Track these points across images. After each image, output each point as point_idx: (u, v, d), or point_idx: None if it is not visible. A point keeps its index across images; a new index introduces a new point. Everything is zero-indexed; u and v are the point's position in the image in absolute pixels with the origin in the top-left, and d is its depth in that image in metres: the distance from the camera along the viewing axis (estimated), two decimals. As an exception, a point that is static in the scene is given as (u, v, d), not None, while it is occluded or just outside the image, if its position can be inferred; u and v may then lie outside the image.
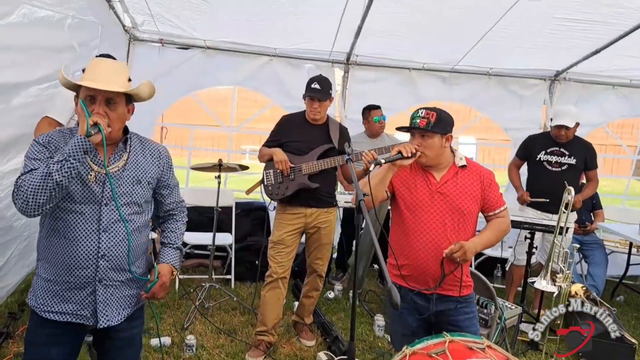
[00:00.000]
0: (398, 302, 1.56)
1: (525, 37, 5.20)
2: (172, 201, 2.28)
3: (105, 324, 2.03)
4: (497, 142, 9.56)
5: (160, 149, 2.23)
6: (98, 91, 1.93)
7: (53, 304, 2.00)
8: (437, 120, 2.40)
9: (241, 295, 4.86)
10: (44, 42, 3.50)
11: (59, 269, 1.97)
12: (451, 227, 2.45)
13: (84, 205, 1.95)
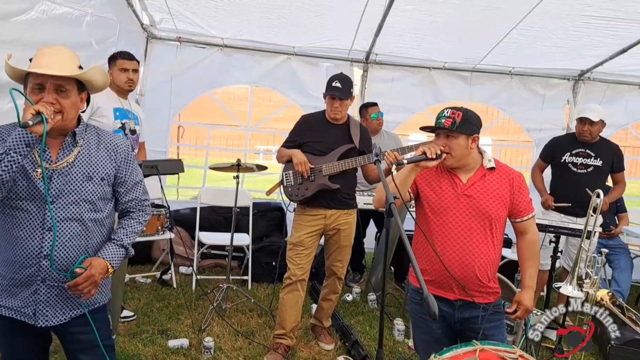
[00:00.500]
0: (436, 311, 1.48)
1: (549, 36, 5.09)
2: (130, 199, 2.13)
3: (43, 323, 1.95)
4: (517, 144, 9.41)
5: (119, 142, 2.09)
6: (46, 78, 1.82)
7: (2, 298, 1.95)
8: (463, 120, 2.30)
9: (258, 296, 4.81)
10: (62, 39, 3.48)
11: (4, 264, 1.92)
12: (478, 232, 2.35)
13: (28, 202, 1.87)
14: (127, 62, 3.70)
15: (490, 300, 2.42)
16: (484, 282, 2.37)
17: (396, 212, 1.79)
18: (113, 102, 3.63)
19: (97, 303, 2.08)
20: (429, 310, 1.49)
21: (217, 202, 5.38)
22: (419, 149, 2.29)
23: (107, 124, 3.54)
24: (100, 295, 2.09)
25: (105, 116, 3.56)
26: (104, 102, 3.55)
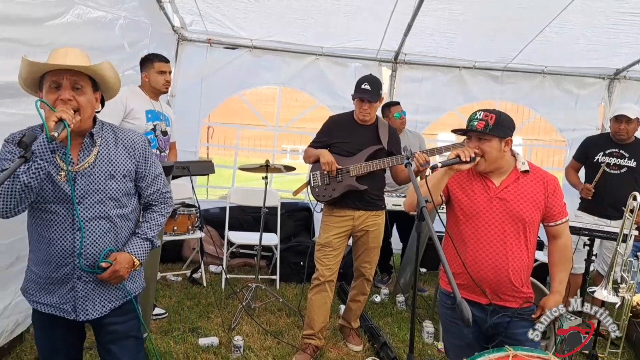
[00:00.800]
0: (470, 318, 1.47)
1: (583, 34, 4.98)
2: (152, 192, 2.17)
3: (84, 317, 2.02)
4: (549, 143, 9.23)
5: (135, 139, 2.12)
6: (62, 76, 1.87)
7: (40, 295, 2.03)
8: (496, 122, 2.26)
9: (286, 296, 4.83)
10: (96, 42, 3.54)
11: (42, 264, 1.99)
12: (511, 236, 2.32)
13: (56, 205, 1.93)
14: (164, 64, 3.79)
15: (523, 305, 2.37)
16: (517, 286, 2.33)
17: (428, 216, 1.78)
18: (145, 105, 3.70)
19: (130, 295, 2.15)
20: (462, 317, 1.47)
21: (246, 202, 5.43)
22: (452, 152, 2.26)
23: (140, 126, 3.60)
24: (133, 285, 2.16)
25: (138, 118, 3.62)
26: (137, 104, 3.62)
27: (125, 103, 3.55)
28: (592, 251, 4.00)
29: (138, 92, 3.71)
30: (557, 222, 2.39)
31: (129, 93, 3.61)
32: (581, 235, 3.97)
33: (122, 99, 3.53)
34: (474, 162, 2.26)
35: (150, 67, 3.76)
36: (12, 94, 2.65)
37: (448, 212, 2.52)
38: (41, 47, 2.84)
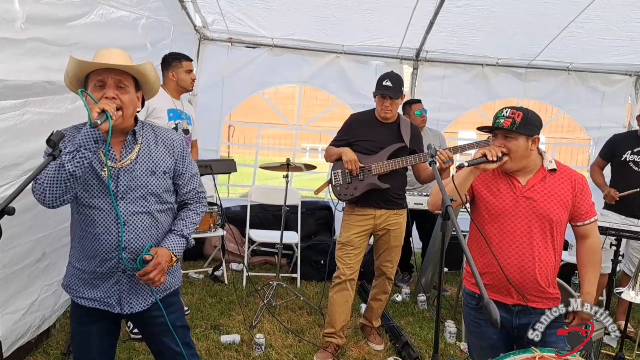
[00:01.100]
0: (498, 318, 1.44)
1: (610, 29, 4.86)
2: (188, 191, 2.22)
3: (128, 310, 2.08)
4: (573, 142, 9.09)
5: (174, 137, 2.19)
6: (107, 75, 1.93)
7: (83, 290, 2.08)
8: (523, 120, 2.22)
9: (307, 294, 4.83)
10: (119, 42, 3.57)
11: (86, 259, 2.04)
12: (538, 236, 2.27)
13: (101, 200, 1.99)
14: (191, 63, 3.89)
15: (550, 306, 2.33)
16: (544, 287, 2.29)
17: (453, 215, 1.75)
18: (167, 104, 3.73)
19: (172, 287, 2.22)
20: (490, 318, 1.44)
21: (267, 200, 5.44)
22: (479, 151, 2.23)
23: (162, 125, 3.62)
24: (173, 279, 2.23)
25: (160, 117, 3.66)
26: (159, 103, 3.65)
27: (148, 102, 3.58)
28: (619, 251, 3.92)
29: (160, 92, 3.73)
30: (585, 221, 2.33)
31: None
32: (608, 235, 3.88)
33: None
34: (501, 161, 2.22)
35: (179, 67, 3.81)
36: (38, 92, 2.69)
37: (473, 212, 2.48)
38: (65, 47, 2.88)
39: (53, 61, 2.74)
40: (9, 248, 2.74)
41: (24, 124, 2.60)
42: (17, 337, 2.96)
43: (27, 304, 3.07)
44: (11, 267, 2.85)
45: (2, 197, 2.38)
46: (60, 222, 3.39)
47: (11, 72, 2.40)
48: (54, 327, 3.57)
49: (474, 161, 2.20)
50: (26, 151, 2.63)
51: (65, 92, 3.03)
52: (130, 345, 3.52)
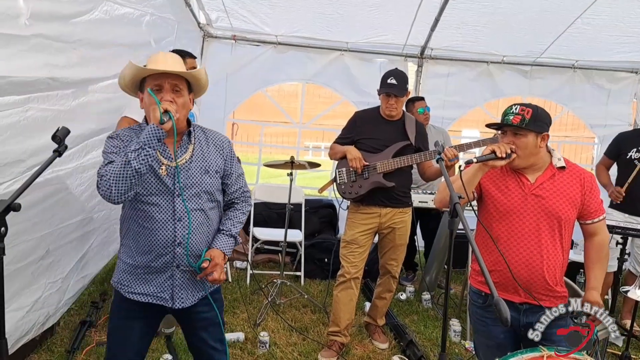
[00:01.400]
0: (508, 316, 1.42)
1: (616, 26, 4.83)
2: (236, 190, 2.31)
3: (180, 305, 2.15)
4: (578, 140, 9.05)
5: (223, 139, 2.28)
6: (164, 80, 2.02)
7: (135, 285, 2.14)
8: (532, 117, 2.20)
9: (311, 292, 4.82)
10: (123, 39, 3.57)
11: (140, 254, 2.11)
12: (546, 233, 2.26)
13: (158, 197, 2.06)
14: (194, 61, 3.82)
15: (557, 304, 2.30)
16: (551, 285, 2.27)
17: (462, 213, 1.73)
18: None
19: (216, 285, 2.31)
20: (500, 317, 1.42)
21: (271, 198, 5.43)
22: (487, 148, 2.21)
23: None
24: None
25: None
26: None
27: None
28: (625, 250, 3.90)
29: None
30: (594, 219, 2.32)
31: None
32: (614, 234, 3.86)
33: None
34: (510, 158, 2.20)
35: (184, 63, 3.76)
36: (42, 89, 2.67)
37: (479, 210, 2.46)
38: (69, 44, 2.87)
39: (57, 58, 2.73)
40: (13, 245, 2.72)
41: (27, 120, 2.58)
42: (21, 334, 2.95)
43: (31, 301, 3.06)
44: (15, 264, 2.84)
45: (6, 194, 2.36)
46: (65, 219, 3.39)
47: (15, 68, 2.39)
48: (58, 324, 3.57)
49: (482, 157, 2.18)
50: (29, 148, 2.62)
51: (69, 89, 3.03)
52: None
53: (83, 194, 3.63)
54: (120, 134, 2.12)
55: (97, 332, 3.64)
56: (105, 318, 3.84)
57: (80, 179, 3.54)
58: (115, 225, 4.64)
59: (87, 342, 3.46)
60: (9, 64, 2.34)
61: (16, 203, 1.81)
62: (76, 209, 3.56)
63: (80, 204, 3.61)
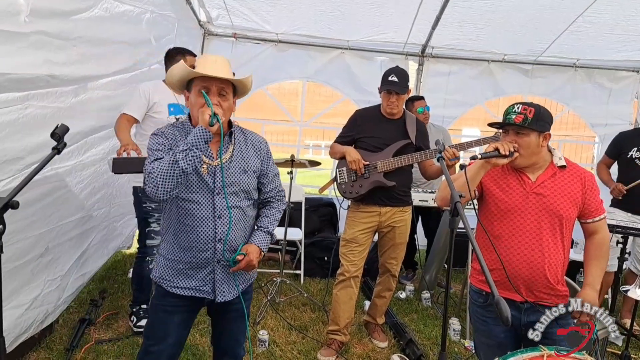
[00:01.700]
0: (509, 315, 1.42)
1: (618, 23, 4.81)
2: (271, 189, 2.39)
3: (222, 298, 2.24)
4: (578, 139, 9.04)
5: (261, 140, 2.36)
6: (212, 83, 2.08)
7: (177, 280, 2.22)
8: (535, 116, 2.20)
9: (311, 291, 4.81)
10: (123, 36, 3.56)
11: (181, 250, 2.20)
12: (547, 232, 2.25)
13: (199, 194, 2.14)
14: (195, 59, 3.76)
15: (559, 304, 2.30)
16: (553, 283, 2.27)
17: (463, 212, 1.72)
18: (168, 98, 3.69)
19: (251, 279, 2.41)
20: (500, 316, 1.42)
21: (270, 197, 5.40)
22: (491, 145, 2.20)
23: (162, 120, 3.61)
24: (254, 273, 2.42)
25: (160, 112, 3.63)
26: (160, 98, 3.63)
27: (148, 97, 3.58)
28: (626, 249, 3.89)
29: (162, 86, 3.71)
30: (594, 218, 2.32)
31: (153, 87, 3.64)
32: (615, 233, 3.85)
33: (146, 93, 3.58)
34: (512, 157, 2.20)
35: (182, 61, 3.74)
36: (41, 86, 2.67)
37: (480, 208, 2.46)
38: (69, 41, 2.86)
39: (57, 55, 2.72)
40: (12, 242, 2.72)
41: (26, 117, 2.58)
42: (20, 332, 2.95)
43: (30, 298, 3.06)
44: (14, 262, 2.83)
45: (4, 191, 2.36)
46: (64, 217, 3.38)
47: (14, 65, 2.38)
48: (57, 322, 3.57)
49: (487, 154, 2.18)
50: (29, 145, 2.62)
51: (69, 86, 3.02)
52: (134, 341, 3.51)
53: (82, 191, 3.62)
54: (164, 131, 2.19)
55: (96, 330, 3.63)
56: (104, 316, 3.83)
57: (80, 176, 3.54)
58: (115, 223, 4.64)
59: (86, 340, 3.45)
60: (8, 61, 2.33)
61: (14, 201, 1.81)
62: (75, 206, 3.56)
63: (79, 201, 3.60)
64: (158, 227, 3.68)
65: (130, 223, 4.94)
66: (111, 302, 4.13)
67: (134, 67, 3.92)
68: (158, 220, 3.68)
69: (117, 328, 3.72)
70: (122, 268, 4.97)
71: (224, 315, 2.36)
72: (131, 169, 3.17)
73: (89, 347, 3.39)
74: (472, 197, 2.33)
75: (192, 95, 2.13)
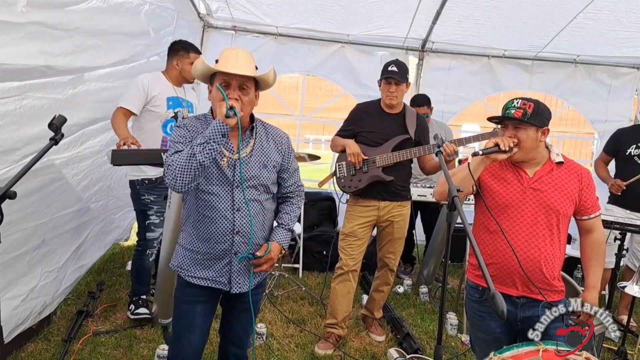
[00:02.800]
0: (504, 309, 1.42)
1: (619, 20, 4.78)
2: (291, 184, 2.41)
3: (237, 290, 2.27)
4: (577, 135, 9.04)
5: (282, 135, 2.38)
6: (232, 77, 2.09)
7: (195, 270, 2.26)
8: (534, 111, 2.20)
9: (309, 285, 4.82)
10: (121, 28, 3.55)
11: (200, 241, 2.23)
12: (543, 227, 2.25)
13: (219, 187, 2.17)
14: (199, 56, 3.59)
15: (554, 298, 2.31)
16: (549, 278, 2.27)
17: (460, 206, 1.72)
18: (167, 91, 3.68)
19: (266, 273, 2.42)
20: (496, 310, 1.42)
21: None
22: (490, 141, 2.21)
23: (160, 113, 3.60)
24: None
25: (159, 105, 3.61)
26: (159, 91, 3.61)
27: (147, 90, 3.56)
28: (623, 245, 3.89)
29: (161, 79, 3.69)
30: (590, 215, 2.33)
31: (152, 79, 3.61)
32: (612, 229, 3.85)
33: (145, 86, 3.55)
34: (511, 152, 2.20)
35: (185, 57, 3.70)
36: (38, 77, 2.66)
37: (478, 203, 2.46)
38: (66, 32, 2.85)
39: (53, 46, 2.71)
40: (9, 234, 2.72)
41: (23, 108, 2.57)
42: (17, 323, 2.96)
43: (27, 290, 3.06)
44: (11, 253, 2.83)
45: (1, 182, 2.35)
46: (61, 208, 3.38)
47: (10, 55, 2.37)
48: (55, 314, 3.57)
49: (487, 150, 2.19)
50: (25, 136, 2.61)
51: (65, 77, 3.01)
52: (132, 333, 3.52)
53: (80, 183, 3.62)
54: (186, 123, 2.21)
55: (93, 322, 3.63)
56: (102, 308, 3.84)
57: (77, 168, 3.53)
58: (113, 215, 4.63)
59: (83, 332, 3.46)
60: (5, 51, 2.32)
61: (12, 191, 1.81)
62: (73, 198, 3.55)
63: (76, 193, 3.60)
64: (157, 219, 3.68)
65: (128, 215, 4.94)
66: (109, 294, 4.13)
67: (132, 59, 3.89)
68: (157, 212, 3.68)
69: (115, 320, 3.73)
70: (120, 260, 4.97)
71: (236, 306, 2.39)
72: (130, 161, 3.15)
73: (87, 338, 3.39)
74: (471, 192, 2.33)
75: (213, 89, 2.16)
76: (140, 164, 3.43)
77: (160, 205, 3.68)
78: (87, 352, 3.24)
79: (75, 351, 3.22)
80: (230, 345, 2.50)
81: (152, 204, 3.66)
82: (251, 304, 2.31)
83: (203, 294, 2.28)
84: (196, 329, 2.30)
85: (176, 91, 3.75)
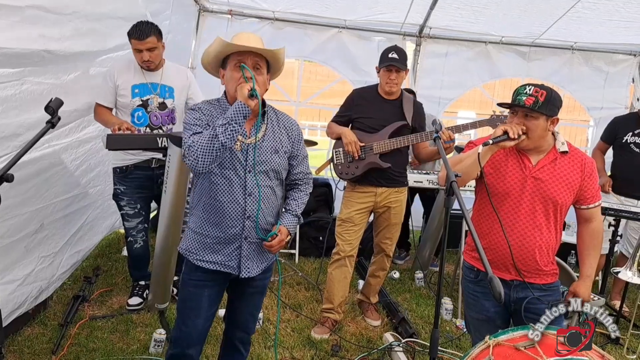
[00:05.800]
0: (501, 292, 1.44)
1: (617, 9, 4.77)
2: (300, 171, 2.41)
3: (246, 274, 2.27)
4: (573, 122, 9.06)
5: (292, 121, 2.39)
6: (247, 57, 2.11)
7: (204, 254, 2.25)
8: (546, 100, 2.16)
9: (305, 270, 4.85)
10: (119, 12, 3.51)
11: (210, 225, 2.23)
12: (541, 215, 2.27)
13: (231, 171, 2.17)
14: (138, 42, 3.33)
15: (547, 281, 2.34)
16: (541, 266, 2.30)
17: (458, 191, 1.74)
18: (132, 79, 3.45)
19: (274, 258, 2.45)
20: (494, 293, 1.44)
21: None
22: (499, 128, 2.17)
23: (125, 103, 3.42)
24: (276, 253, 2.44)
25: (123, 95, 3.42)
26: (124, 79, 3.42)
27: (114, 79, 3.40)
28: (617, 232, 3.94)
29: (129, 67, 3.46)
30: (589, 205, 2.34)
31: (120, 68, 3.44)
32: (607, 215, 3.89)
33: (111, 75, 3.40)
34: (519, 139, 2.18)
35: (131, 44, 3.39)
36: (37, 62, 2.64)
37: (477, 188, 2.47)
38: (65, 16, 2.82)
39: (52, 30, 2.69)
40: (7, 219, 2.73)
41: (23, 93, 2.56)
42: (14, 307, 2.97)
43: (24, 274, 3.07)
44: (8, 238, 2.84)
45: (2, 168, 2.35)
46: (59, 194, 3.38)
47: (9, 39, 2.35)
48: (51, 298, 3.59)
49: (498, 139, 2.15)
50: (26, 121, 2.60)
51: (65, 63, 2.99)
52: (128, 318, 3.54)
53: (78, 168, 3.61)
54: (201, 107, 2.21)
55: (90, 307, 3.65)
56: (98, 293, 3.85)
57: (76, 153, 3.52)
58: (110, 201, 4.63)
59: (79, 317, 3.47)
60: (3, 35, 2.31)
61: (9, 174, 1.81)
62: (71, 183, 3.55)
63: (75, 178, 3.59)
64: (131, 210, 3.59)
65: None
66: (105, 280, 4.15)
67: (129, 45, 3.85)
68: (129, 202, 3.57)
69: (111, 305, 3.74)
70: (117, 246, 4.98)
71: (243, 290, 2.41)
72: (125, 145, 3.13)
73: (83, 323, 3.41)
74: (475, 177, 2.34)
75: (227, 71, 2.16)
76: (136, 149, 3.36)
77: (130, 197, 3.56)
78: (84, 337, 3.26)
79: (72, 335, 3.23)
80: (237, 330, 2.51)
81: (122, 195, 3.55)
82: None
83: (211, 278, 2.28)
84: (202, 312, 2.30)
85: (145, 77, 3.48)
